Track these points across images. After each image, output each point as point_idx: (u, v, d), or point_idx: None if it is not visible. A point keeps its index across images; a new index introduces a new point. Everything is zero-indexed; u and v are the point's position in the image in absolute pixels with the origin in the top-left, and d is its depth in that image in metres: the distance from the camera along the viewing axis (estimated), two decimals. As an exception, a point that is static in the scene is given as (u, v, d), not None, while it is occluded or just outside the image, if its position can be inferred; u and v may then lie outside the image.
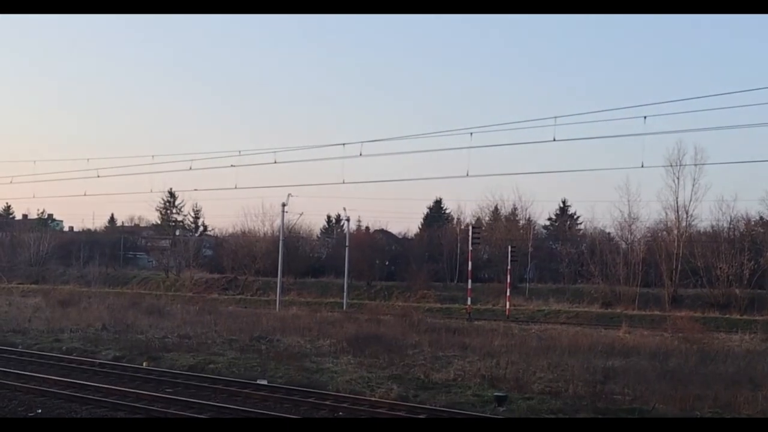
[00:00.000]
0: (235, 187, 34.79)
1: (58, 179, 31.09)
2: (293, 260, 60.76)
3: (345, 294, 54.01)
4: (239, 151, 26.58)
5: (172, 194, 78.06)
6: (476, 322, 40.91)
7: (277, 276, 52.76)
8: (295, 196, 50.39)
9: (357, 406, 16.27)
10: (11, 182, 32.17)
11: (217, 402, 16.50)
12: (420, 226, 78.00)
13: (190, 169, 27.33)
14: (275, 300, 52.14)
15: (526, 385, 19.77)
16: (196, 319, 36.31)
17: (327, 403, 16.59)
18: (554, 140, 18.58)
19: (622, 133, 32.34)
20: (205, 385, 18.71)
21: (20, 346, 26.44)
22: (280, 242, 51.16)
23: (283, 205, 50.46)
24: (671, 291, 52.24)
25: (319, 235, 79.88)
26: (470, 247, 49.41)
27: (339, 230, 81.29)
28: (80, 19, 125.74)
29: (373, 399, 17.06)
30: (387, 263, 68.57)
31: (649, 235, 59.07)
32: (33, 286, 68.29)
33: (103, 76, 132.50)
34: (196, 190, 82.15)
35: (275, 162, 25.90)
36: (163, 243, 79.77)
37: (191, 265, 71.09)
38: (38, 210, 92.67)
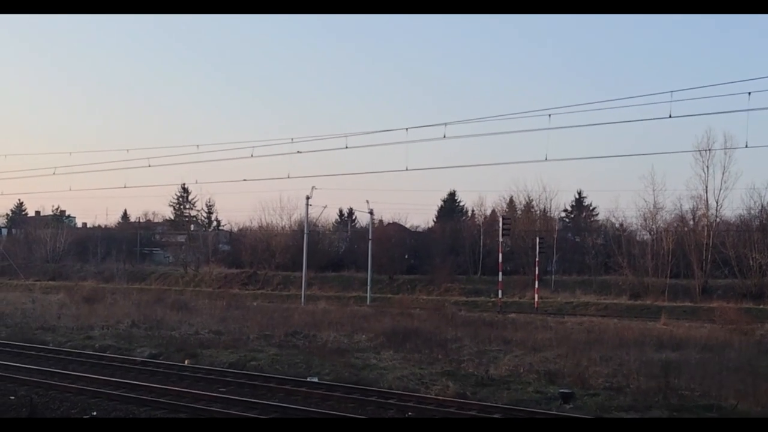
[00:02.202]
0: (288, 177, 33.84)
1: (99, 170, 30.52)
2: (313, 254, 59.86)
3: (369, 288, 53.27)
4: (292, 139, 25.62)
5: (185, 189, 77.37)
6: (509, 315, 40.18)
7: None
8: (320, 188, 49.72)
9: (424, 405, 15.47)
10: (54, 173, 32.05)
11: (278, 402, 15.74)
12: (435, 219, 77.31)
13: (252, 156, 26.55)
14: (297, 294, 51.45)
15: (586, 380, 19.00)
16: (224, 315, 35.79)
17: (392, 402, 15.80)
18: (670, 117, 17.55)
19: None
20: (258, 383, 17.95)
21: (51, 344, 25.84)
22: (305, 236, 50.29)
23: (308, 198, 49.69)
24: (701, 281, 51.25)
25: (331, 229, 79.11)
26: (500, 239, 48.53)
27: (353, 223, 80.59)
28: (110, 17, 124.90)
29: (439, 398, 16.26)
30: (407, 256, 67.69)
31: (674, 226, 58.02)
32: (51, 282, 67.74)
33: (135, 73, 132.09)
34: (245, 180, 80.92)
35: (347, 147, 24.99)
36: (179, 238, 79.10)
37: (210, 260, 70.41)
38: (53, 206, 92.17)
